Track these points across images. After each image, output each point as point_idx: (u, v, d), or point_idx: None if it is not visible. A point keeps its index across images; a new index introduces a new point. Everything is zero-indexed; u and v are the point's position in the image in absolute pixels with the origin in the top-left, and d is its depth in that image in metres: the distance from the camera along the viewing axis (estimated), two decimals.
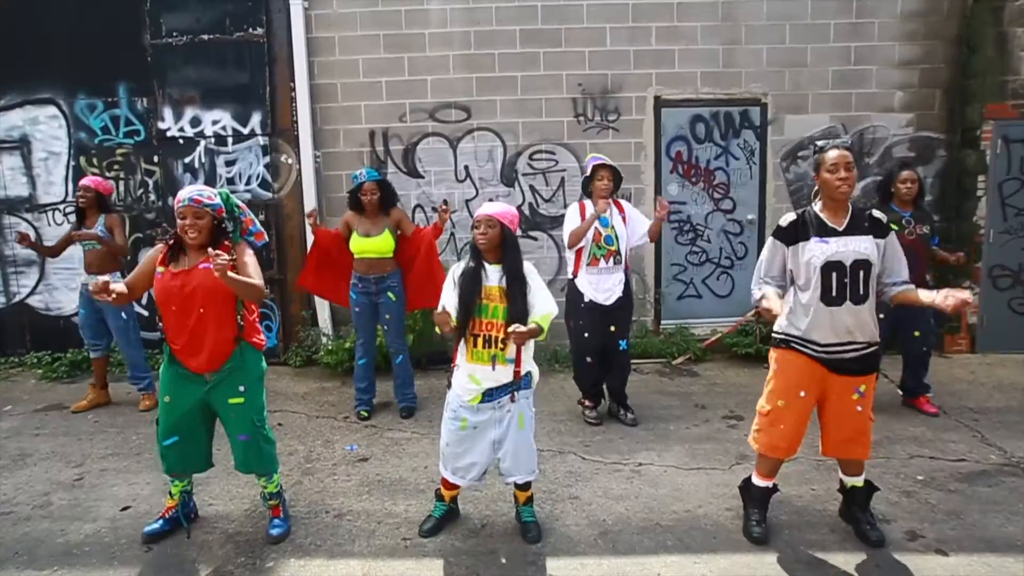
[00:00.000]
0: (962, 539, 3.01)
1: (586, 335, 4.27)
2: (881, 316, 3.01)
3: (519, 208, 5.90)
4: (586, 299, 4.24)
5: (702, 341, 5.85)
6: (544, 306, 2.87)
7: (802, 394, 2.89)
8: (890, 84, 5.79)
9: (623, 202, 4.41)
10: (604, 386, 4.49)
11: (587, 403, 4.49)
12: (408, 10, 5.69)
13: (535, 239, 5.96)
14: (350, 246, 4.47)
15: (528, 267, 2.95)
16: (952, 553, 2.91)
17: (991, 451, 3.92)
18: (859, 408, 2.87)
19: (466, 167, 5.89)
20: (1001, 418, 4.40)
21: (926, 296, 2.71)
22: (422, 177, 5.87)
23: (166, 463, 3.08)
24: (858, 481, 3.03)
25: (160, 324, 2.99)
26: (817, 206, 2.87)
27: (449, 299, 2.91)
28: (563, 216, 5.82)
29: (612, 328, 4.27)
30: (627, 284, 4.32)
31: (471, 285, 2.87)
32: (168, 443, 3.01)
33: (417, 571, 2.87)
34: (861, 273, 2.77)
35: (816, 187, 2.90)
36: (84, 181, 4.79)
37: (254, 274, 2.90)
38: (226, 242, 2.94)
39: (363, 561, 2.95)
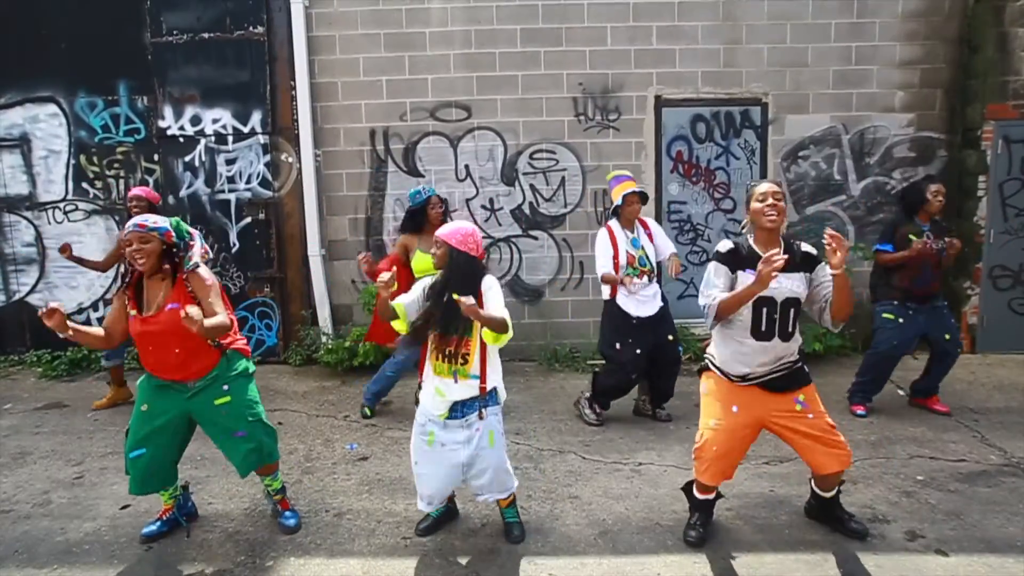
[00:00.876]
0: (962, 539, 3.01)
1: (638, 351, 4.21)
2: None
3: (519, 207, 5.91)
4: (634, 316, 4.21)
5: (702, 341, 5.85)
6: (500, 310, 2.76)
7: (734, 409, 2.85)
8: (891, 84, 5.79)
9: (648, 220, 4.46)
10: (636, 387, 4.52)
11: (598, 409, 4.45)
12: (409, 9, 5.68)
13: (535, 238, 5.96)
14: (414, 266, 4.23)
15: (487, 283, 2.84)
16: (952, 553, 2.91)
17: (991, 451, 3.91)
18: (810, 416, 2.84)
19: (466, 166, 5.88)
20: (1001, 418, 4.40)
21: (836, 264, 2.65)
22: (422, 176, 5.87)
23: (132, 482, 2.99)
24: (830, 494, 3.04)
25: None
26: (751, 238, 2.87)
27: (410, 301, 2.87)
28: (563, 216, 5.92)
29: (670, 337, 4.29)
30: (662, 292, 4.39)
31: (435, 301, 2.82)
32: (134, 455, 2.93)
33: (417, 570, 2.87)
34: (791, 311, 2.79)
35: (746, 220, 2.91)
36: (136, 191, 4.60)
37: (217, 306, 2.86)
38: (181, 275, 2.89)
39: (363, 560, 2.95)
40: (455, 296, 2.62)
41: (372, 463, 3.93)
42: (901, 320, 4.37)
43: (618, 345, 4.24)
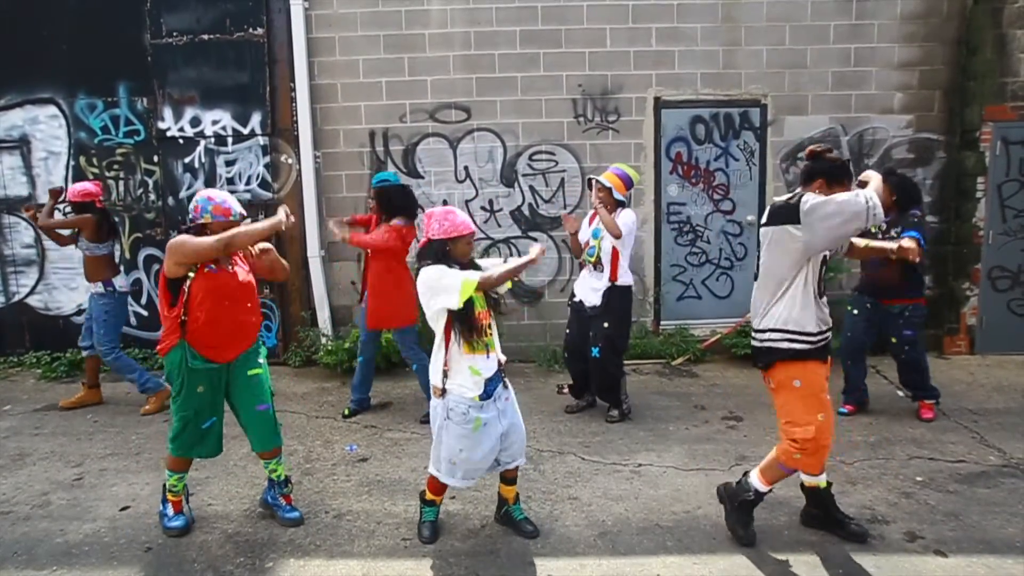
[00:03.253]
0: (961, 540, 3.01)
1: (567, 329, 4.64)
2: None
3: (518, 208, 5.92)
4: (575, 297, 4.55)
5: (701, 342, 5.85)
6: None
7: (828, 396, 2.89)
8: (890, 85, 5.80)
9: (623, 212, 4.37)
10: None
11: (564, 390, 4.80)
12: (408, 10, 5.69)
13: (535, 240, 5.96)
14: None
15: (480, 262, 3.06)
16: (951, 554, 2.91)
17: (990, 452, 3.92)
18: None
19: (466, 168, 5.89)
20: (1000, 419, 4.40)
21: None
22: (422, 177, 5.87)
23: (205, 448, 3.17)
24: (821, 480, 3.00)
25: (184, 316, 3.01)
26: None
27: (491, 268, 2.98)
28: (561, 217, 5.90)
29: (591, 334, 4.42)
30: (608, 295, 4.33)
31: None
32: (208, 425, 3.13)
33: (416, 571, 2.88)
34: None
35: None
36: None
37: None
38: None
39: (362, 561, 2.95)
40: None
41: (372, 464, 3.93)
42: (855, 312, 4.44)
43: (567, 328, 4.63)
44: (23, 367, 5.95)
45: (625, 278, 4.37)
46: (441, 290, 2.79)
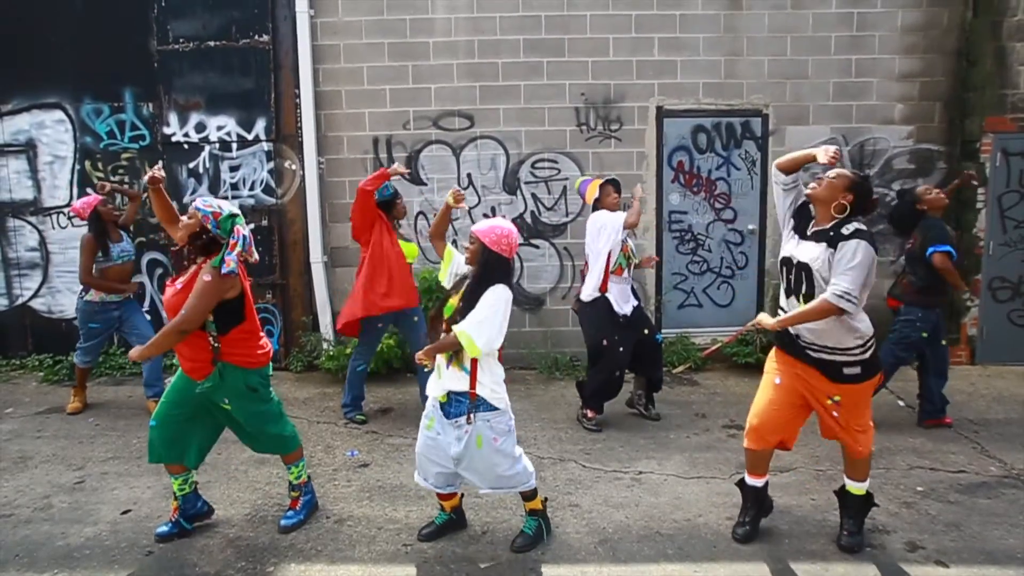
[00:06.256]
0: (962, 550, 3.01)
1: (622, 350, 4.36)
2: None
3: (520, 216, 5.94)
4: (620, 314, 4.38)
5: (702, 350, 5.86)
6: (468, 325, 2.75)
7: (777, 380, 2.96)
8: (890, 96, 5.83)
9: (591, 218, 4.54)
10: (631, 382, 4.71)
11: (590, 415, 4.50)
12: (413, 19, 5.74)
13: (537, 247, 5.98)
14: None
15: (491, 293, 2.81)
16: (952, 565, 2.91)
17: (991, 463, 3.92)
18: (835, 414, 2.90)
19: (469, 175, 5.92)
20: (1001, 430, 4.41)
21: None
22: (425, 184, 5.90)
23: (151, 449, 3.09)
24: (857, 488, 3.03)
25: None
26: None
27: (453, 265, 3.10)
28: (565, 224, 5.95)
29: (646, 331, 4.48)
30: (634, 288, 4.61)
31: (466, 293, 2.90)
32: (152, 424, 3.07)
33: None
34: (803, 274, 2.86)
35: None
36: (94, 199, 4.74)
37: (187, 307, 2.82)
38: (202, 263, 2.95)
39: (363, 567, 2.96)
40: (417, 356, 2.88)
41: (373, 470, 3.93)
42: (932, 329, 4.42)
43: (605, 341, 4.34)
44: (25, 370, 5.96)
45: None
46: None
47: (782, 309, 2.96)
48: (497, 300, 2.81)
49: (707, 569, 2.90)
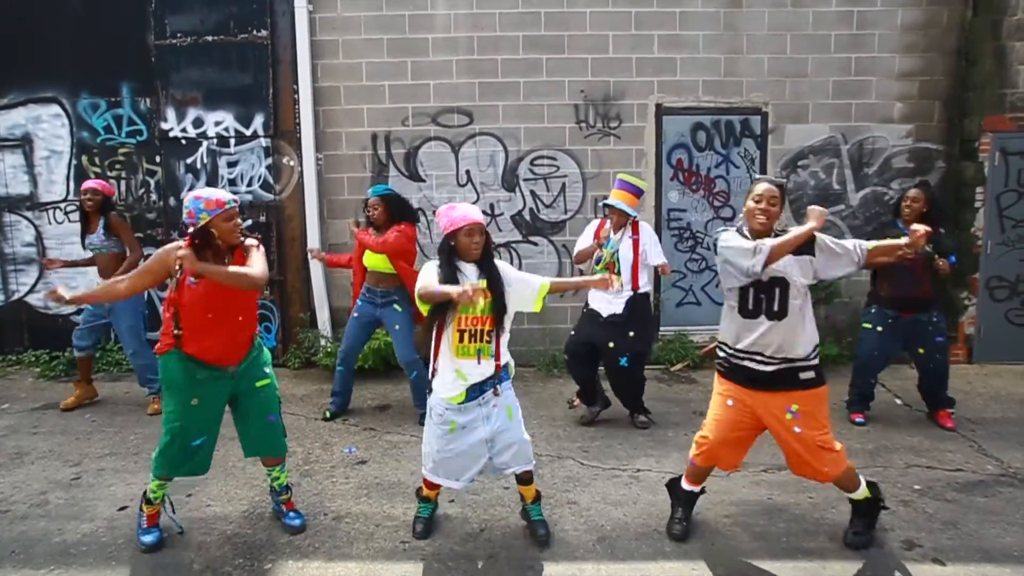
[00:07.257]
0: (959, 549, 3.02)
1: (572, 332, 4.52)
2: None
3: (519, 213, 5.94)
4: (589, 305, 4.43)
5: (700, 348, 5.86)
6: (542, 278, 3.04)
7: (729, 403, 2.95)
8: (890, 95, 5.83)
9: (642, 224, 4.37)
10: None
11: (575, 403, 4.64)
12: (412, 15, 5.72)
13: (535, 244, 5.98)
14: (365, 261, 4.57)
15: (499, 263, 3.01)
16: (949, 563, 2.92)
17: (988, 461, 3.93)
18: (796, 430, 2.81)
19: (467, 172, 5.90)
20: (998, 428, 4.41)
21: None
22: (423, 181, 5.89)
23: (193, 464, 3.00)
24: (854, 495, 3.03)
25: (177, 331, 2.91)
26: (745, 229, 2.87)
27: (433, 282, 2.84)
28: (563, 222, 5.95)
29: (611, 344, 4.28)
30: (632, 304, 4.28)
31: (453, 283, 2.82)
32: (198, 443, 2.98)
33: (415, 574, 2.87)
34: (776, 290, 2.81)
35: (743, 212, 2.92)
36: (90, 184, 4.73)
37: (258, 267, 2.98)
38: (240, 247, 3.07)
39: (361, 564, 2.95)
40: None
41: (371, 467, 3.93)
42: (879, 328, 4.39)
43: (572, 331, 4.52)
44: (22, 365, 5.94)
45: (646, 285, 4.36)
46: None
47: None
48: (508, 266, 3.07)
49: (705, 567, 2.90)
